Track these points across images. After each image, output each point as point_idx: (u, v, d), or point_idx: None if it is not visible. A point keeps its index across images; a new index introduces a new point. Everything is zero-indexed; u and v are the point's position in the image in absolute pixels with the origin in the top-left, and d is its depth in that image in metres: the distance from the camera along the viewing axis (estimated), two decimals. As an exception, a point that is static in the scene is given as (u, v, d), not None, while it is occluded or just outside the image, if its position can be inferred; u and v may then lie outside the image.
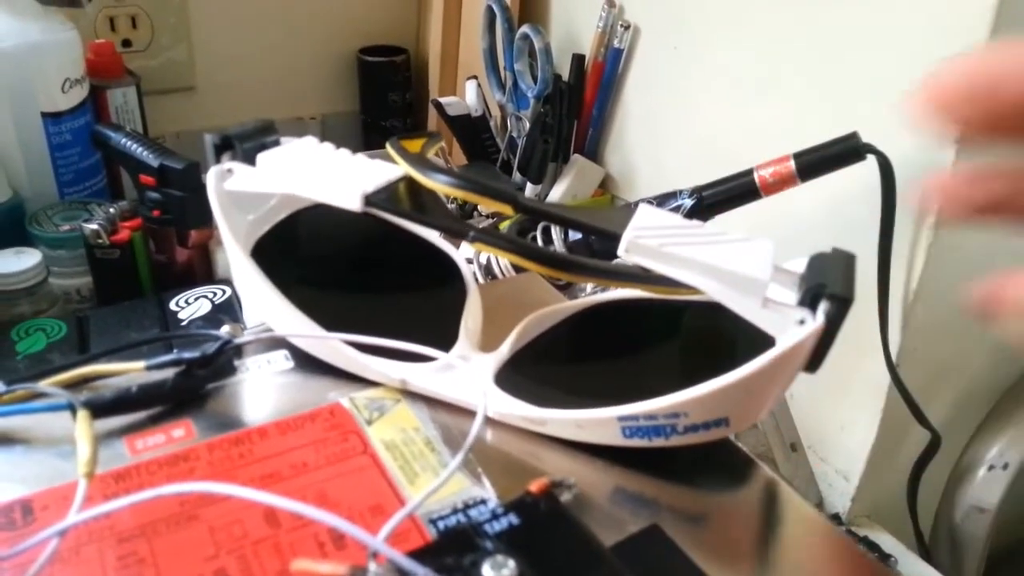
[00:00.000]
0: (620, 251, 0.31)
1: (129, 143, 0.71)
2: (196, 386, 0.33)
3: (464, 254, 0.42)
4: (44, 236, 0.68)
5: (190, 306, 0.68)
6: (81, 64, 0.74)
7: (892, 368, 0.57)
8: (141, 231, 0.71)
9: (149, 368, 0.32)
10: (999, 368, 0.64)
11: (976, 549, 0.62)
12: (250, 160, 0.36)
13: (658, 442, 0.32)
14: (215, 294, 0.69)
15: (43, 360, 0.59)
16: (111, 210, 0.70)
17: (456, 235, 0.33)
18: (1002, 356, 0.64)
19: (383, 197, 0.34)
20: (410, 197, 0.35)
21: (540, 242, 0.57)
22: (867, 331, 0.57)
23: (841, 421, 0.62)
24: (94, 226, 0.68)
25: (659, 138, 0.77)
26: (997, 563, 0.64)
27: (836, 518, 0.61)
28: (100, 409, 0.30)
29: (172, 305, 0.68)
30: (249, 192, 0.36)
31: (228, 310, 0.68)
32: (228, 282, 0.72)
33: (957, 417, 0.64)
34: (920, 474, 0.61)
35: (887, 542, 0.60)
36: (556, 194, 0.81)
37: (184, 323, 0.66)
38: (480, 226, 0.66)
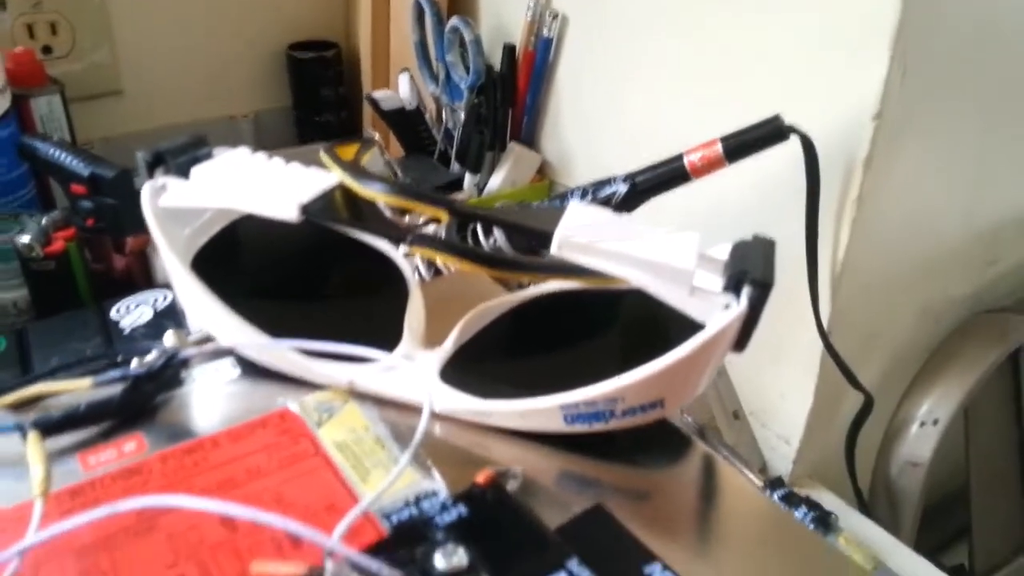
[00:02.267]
0: (553, 249, 0.32)
1: (58, 153, 0.70)
2: (144, 400, 0.33)
3: (404, 250, 0.42)
4: (-25, 251, 0.67)
5: (131, 313, 0.68)
6: (1, 74, 0.73)
7: (824, 336, 0.59)
8: (76, 241, 0.70)
9: (96, 385, 0.33)
10: (924, 330, 0.68)
11: (912, 502, 0.65)
12: (183, 174, 0.36)
13: (598, 426, 0.33)
14: (156, 300, 0.69)
15: (-16, 377, 0.59)
16: (43, 221, 0.69)
17: (394, 241, 0.34)
18: (927, 319, 0.67)
19: (319, 207, 0.34)
20: (346, 204, 0.36)
21: (481, 235, 0.58)
22: (799, 303, 0.59)
23: (780, 389, 0.65)
24: (26, 239, 0.67)
25: (592, 123, 0.79)
26: (932, 514, 0.68)
27: (779, 480, 0.63)
28: (49, 429, 0.30)
29: (113, 314, 0.67)
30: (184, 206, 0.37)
31: (171, 315, 0.68)
32: (169, 287, 0.71)
33: (888, 378, 0.67)
34: (856, 434, 0.64)
35: (828, 500, 0.63)
36: (495, 182, 0.82)
37: (126, 331, 0.66)
38: (419, 223, 0.67)
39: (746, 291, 0.32)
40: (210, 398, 0.35)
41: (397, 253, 0.41)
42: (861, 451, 0.65)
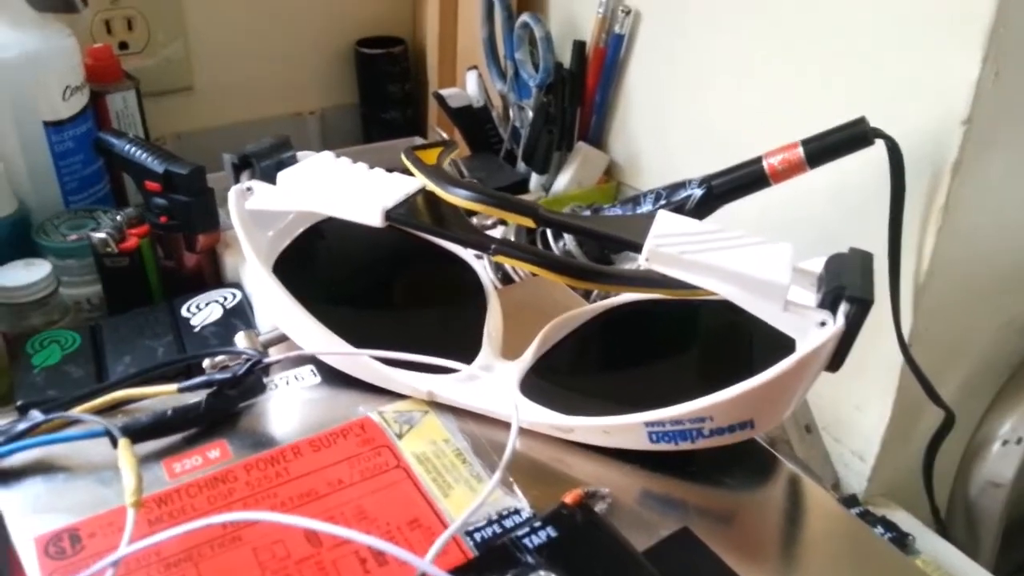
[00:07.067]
0: (641, 260, 0.31)
1: (133, 150, 0.71)
2: (228, 406, 0.33)
3: (473, 251, 0.42)
4: (52, 246, 0.68)
5: (201, 312, 0.68)
6: (80, 70, 0.74)
7: (905, 349, 0.57)
8: (148, 237, 0.71)
9: (181, 391, 0.33)
10: (1009, 345, 0.65)
11: (992, 523, 0.63)
12: (268, 177, 0.36)
13: (684, 445, 0.32)
14: (226, 298, 0.70)
15: (60, 373, 0.60)
16: (118, 218, 0.70)
17: (477, 248, 0.34)
18: (1011, 332, 0.65)
19: (403, 212, 0.34)
20: (428, 209, 0.35)
21: (551, 239, 0.58)
22: (880, 313, 0.57)
23: (856, 402, 0.63)
24: (102, 235, 0.68)
25: (664, 123, 0.77)
26: (1013, 536, 0.65)
27: (853, 498, 0.61)
28: (138, 434, 0.30)
29: (184, 311, 0.68)
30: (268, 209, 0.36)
31: (240, 314, 0.68)
32: (238, 285, 0.72)
33: (970, 394, 0.64)
34: (935, 452, 0.61)
35: (904, 520, 0.61)
36: (561, 183, 0.81)
37: (196, 329, 0.67)
38: (488, 223, 0.67)
39: (843, 308, 0.31)
40: (291, 405, 0.35)
41: (475, 260, 0.41)
42: (939, 469, 0.63)
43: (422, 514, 0.30)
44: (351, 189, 0.35)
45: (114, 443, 0.30)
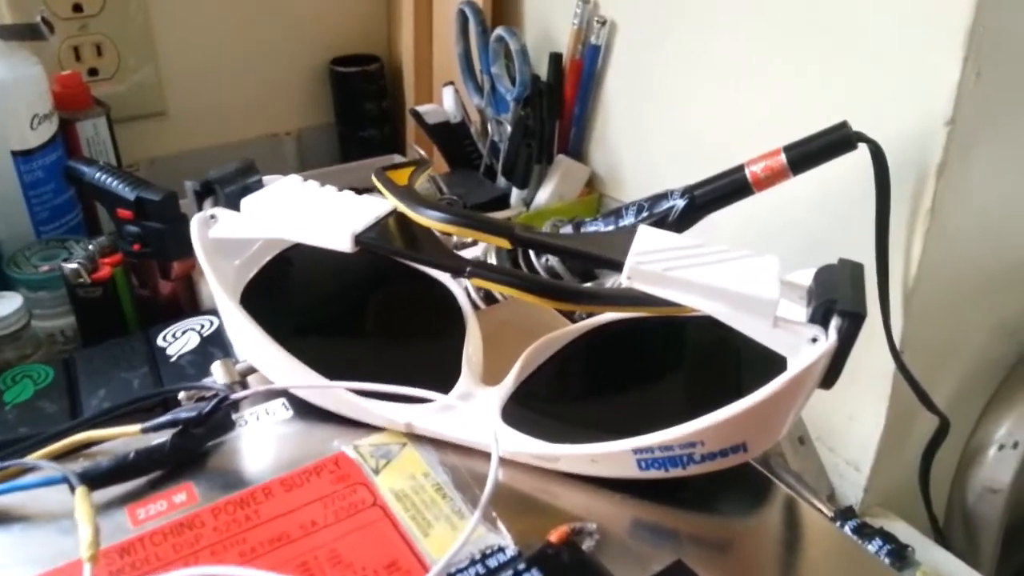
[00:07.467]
0: (623, 279, 0.30)
1: (104, 177, 0.69)
2: (195, 446, 0.32)
3: (464, 282, 0.40)
4: (24, 278, 0.66)
5: (178, 340, 0.67)
6: (48, 98, 0.72)
7: (896, 355, 0.56)
8: (122, 266, 0.69)
9: (145, 431, 0.31)
10: (1002, 347, 0.64)
11: (991, 530, 0.61)
12: (233, 204, 0.35)
13: (675, 472, 0.31)
14: (202, 326, 0.68)
15: (32, 409, 0.58)
16: (90, 247, 0.68)
17: (452, 271, 0.32)
18: (1003, 335, 0.64)
19: (373, 235, 0.33)
20: (400, 232, 0.34)
21: (533, 255, 0.56)
22: (870, 320, 0.55)
23: (848, 411, 0.62)
24: (74, 265, 0.66)
25: (644, 133, 0.76)
26: (1012, 541, 0.64)
27: (850, 510, 0.60)
28: (98, 480, 0.29)
29: (160, 341, 0.66)
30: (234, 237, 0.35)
31: (217, 342, 0.66)
32: (215, 312, 0.70)
33: (963, 399, 0.63)
34: (931, 459, 0.60)
35: (902, 531, 0.59)
36: (542, 197, 0.80)
37: (173, 359, 0.65)
38: (468, 241, 0.65)
39: (835, 323, 0.29)
40: (262, 442, 0.33)
41: (452, 281, 0.39)
42: (935, 477, 0.62)
43: (401, 556, 0.28)
44: (319, 213, 0.33)
45: (72, 489, 0.28)
